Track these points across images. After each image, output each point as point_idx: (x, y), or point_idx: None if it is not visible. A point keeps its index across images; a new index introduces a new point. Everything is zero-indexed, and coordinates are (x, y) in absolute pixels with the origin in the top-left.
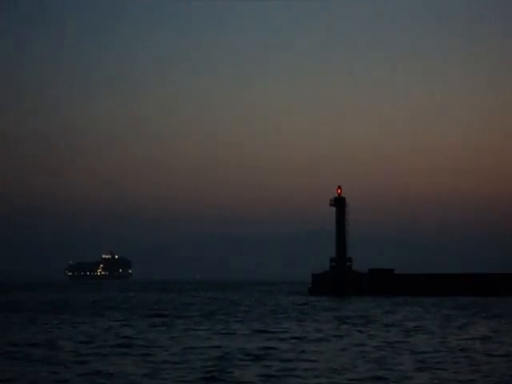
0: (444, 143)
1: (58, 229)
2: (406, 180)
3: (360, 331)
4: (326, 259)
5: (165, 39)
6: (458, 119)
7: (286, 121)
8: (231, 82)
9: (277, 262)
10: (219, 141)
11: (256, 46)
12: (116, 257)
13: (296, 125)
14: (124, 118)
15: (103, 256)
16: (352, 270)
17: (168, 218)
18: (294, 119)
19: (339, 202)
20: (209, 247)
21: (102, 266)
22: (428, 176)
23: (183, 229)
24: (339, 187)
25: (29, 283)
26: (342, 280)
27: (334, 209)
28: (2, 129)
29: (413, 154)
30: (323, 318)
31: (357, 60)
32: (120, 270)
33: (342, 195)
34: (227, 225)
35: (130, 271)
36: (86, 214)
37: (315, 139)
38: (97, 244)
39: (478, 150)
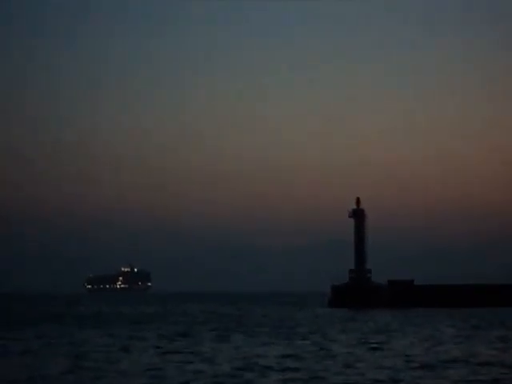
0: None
1: (75, 241)
2: (429, 186)
3: None
4: (345, 270)
5: (166, 40)
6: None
7: (301, 129)
8: (235, 87)
9: (294, 273)
10: (233, 151)
11: (264, 48)
12: (135, 269)
13: (315, 133)
14: (136, 128)
15: (122, 269)
16: (372, 282)
17: (187, 230)
18: (312, 127)
19: (358, 214)
20: (226, 258)
21: (121, 278)
22: (453, 182)
23: (201, 240)
24: (358, 199)
25: (59, 296)
26: (363, 292)
27: (352, 220)
28: (5, 137)
29: (435, 159)
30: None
31: (374, 60)
32: (139, 283)
33: (361, 207)
34: (244, 236)
35: (150, 284)
36: (105, 227)
37: (331, 146)
38: (116, 257)
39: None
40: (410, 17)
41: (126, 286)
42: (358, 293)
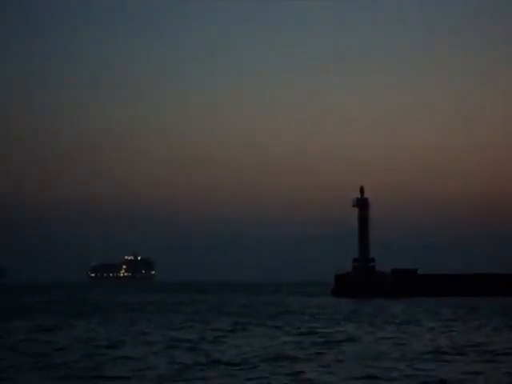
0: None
1: (80, 230)
2: (434, 177)
3: None
4: (348, 259)
5: (164, 39)
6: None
7: (304, 120)
8: (234, 87)
9: (296, 262)
10: (235, 140)
11: (264, 48)
12: (139, 258)
13: (315, 125)
14: (135, 118)
15: (126, 257)
16: (375, 271)
17: (191, 219)
18: (314, 118)
19: (362, 203)
20: (231, 248)
21: (124, 267)
22: (457, 172)
23: (206, 229)
24: (361, 188)
25: (71, 284)
26: (367, 281)
27: (356, 209)
28: (5, 137)
29: (435, 159)
30: None
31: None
32: (143, 271)
33: (365, 196)
34: (249, 225)
35: (153, 272)
36: (109, 216)
37: (332, 146)
38: (119, 245)
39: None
40: (409, 17)
41: (130, 274)
42: (361, 282)
